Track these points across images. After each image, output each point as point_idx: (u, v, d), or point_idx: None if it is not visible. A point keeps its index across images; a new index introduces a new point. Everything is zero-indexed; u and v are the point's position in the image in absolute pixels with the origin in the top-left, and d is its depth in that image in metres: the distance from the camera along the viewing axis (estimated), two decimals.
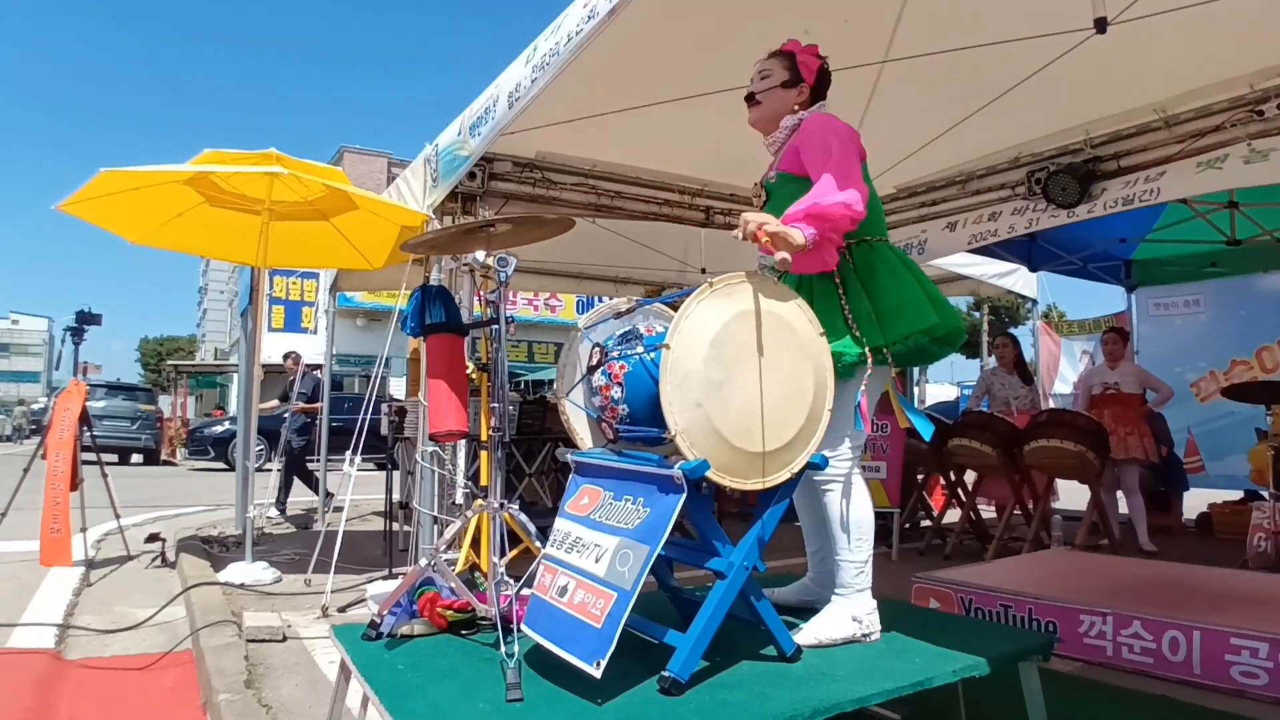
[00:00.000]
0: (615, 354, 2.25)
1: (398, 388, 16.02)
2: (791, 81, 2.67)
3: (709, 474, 1.97)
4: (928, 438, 2.40)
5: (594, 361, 2.33)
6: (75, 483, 5.78)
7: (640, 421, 2.17)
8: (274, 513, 7.99)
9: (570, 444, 2.53)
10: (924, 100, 4.75)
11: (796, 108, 2.66)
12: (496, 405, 2.38)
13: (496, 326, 2.42)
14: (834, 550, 2.44)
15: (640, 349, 2.18)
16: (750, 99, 2.72)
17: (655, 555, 1.93)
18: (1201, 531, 7.17)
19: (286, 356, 8.85)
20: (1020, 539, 6.06)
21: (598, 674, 1.85)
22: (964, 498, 6.48)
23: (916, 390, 9.71)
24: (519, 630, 2.09)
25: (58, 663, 3.67)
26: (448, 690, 1.99)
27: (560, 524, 2.25)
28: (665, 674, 1.93)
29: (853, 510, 2.42)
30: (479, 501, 2.67)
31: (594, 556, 2.05)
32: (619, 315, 2.44)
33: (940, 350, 2.54)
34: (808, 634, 2.33)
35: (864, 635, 2.39)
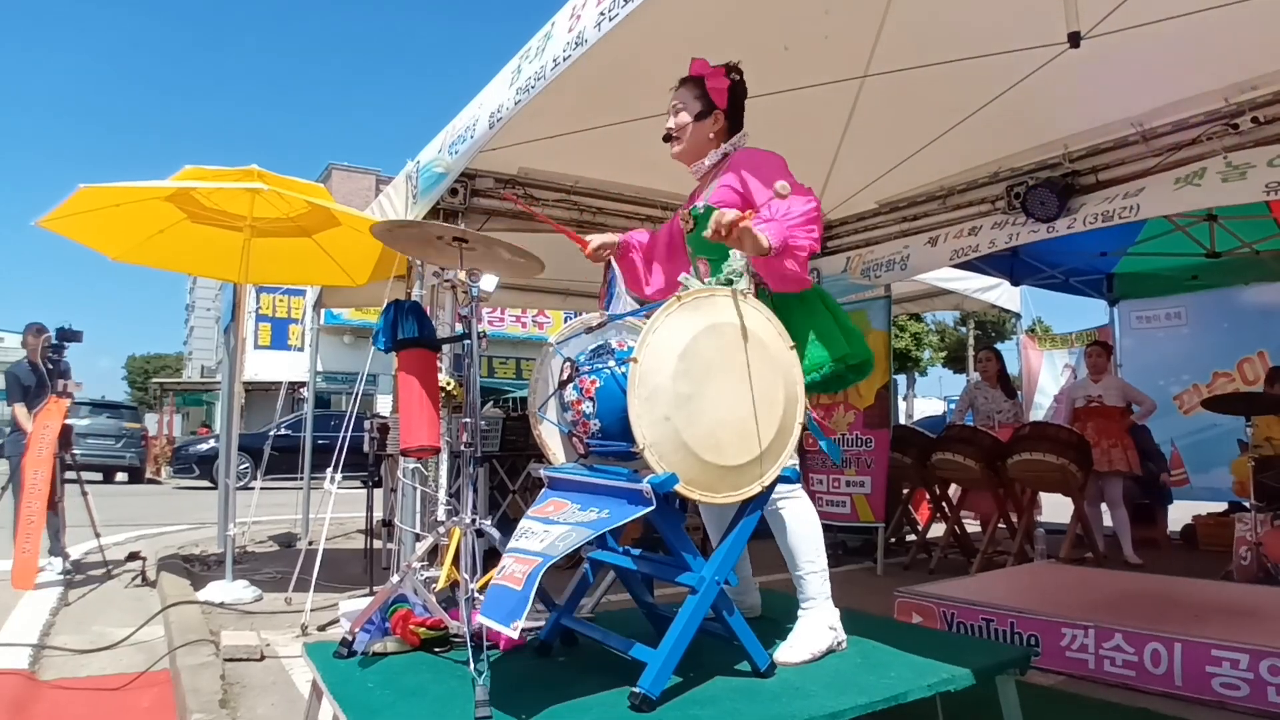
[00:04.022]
0: (586, 369, 2.24)
1: (385, 405, 15.95)
2: (705, 112, 2.63)
3: (678, 488, 1.96)
4: (838, 461, 2.46)
5: (565, 376, 2.32)
6: (54, 501, 5.72)
7: (612, 436, 2.16)
8: (53, 561, 5.81)
9: (544, 459, 2.52)
10: (904, 115, 4.78)
11: (712, 135, 2.64)
12: (468, 420, 2.36)
13: (468, 341, 2.41)
14: (794, 566, 2.45)
15: (611, 363, 2.17)
16: (668, 138, 2.68)
17: (596, 535, 1.97)
18: (1186, 544, 7.19)
19: (40, 331, 6.19)
20: (1005, 553, 6.05)
21: (515, 634, 1.87)
22: (948, 512, 6.49)
23: (904, 404, 9.73)
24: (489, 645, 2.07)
25: (31, 683, 3.61)
26: (416, 708, 1.98)
27: (521, 524, 2.23)
28: (636, 690, 1.92)
29: (807, 522, 2.44)
30: (453, 518, 2.65)
31: (540, 540, 2.05)
32: (590, 330, 2.43)
33: (857, 377, 2.63)
34: (801, 651, 2.33)
35: (839, 643, 2.43)
